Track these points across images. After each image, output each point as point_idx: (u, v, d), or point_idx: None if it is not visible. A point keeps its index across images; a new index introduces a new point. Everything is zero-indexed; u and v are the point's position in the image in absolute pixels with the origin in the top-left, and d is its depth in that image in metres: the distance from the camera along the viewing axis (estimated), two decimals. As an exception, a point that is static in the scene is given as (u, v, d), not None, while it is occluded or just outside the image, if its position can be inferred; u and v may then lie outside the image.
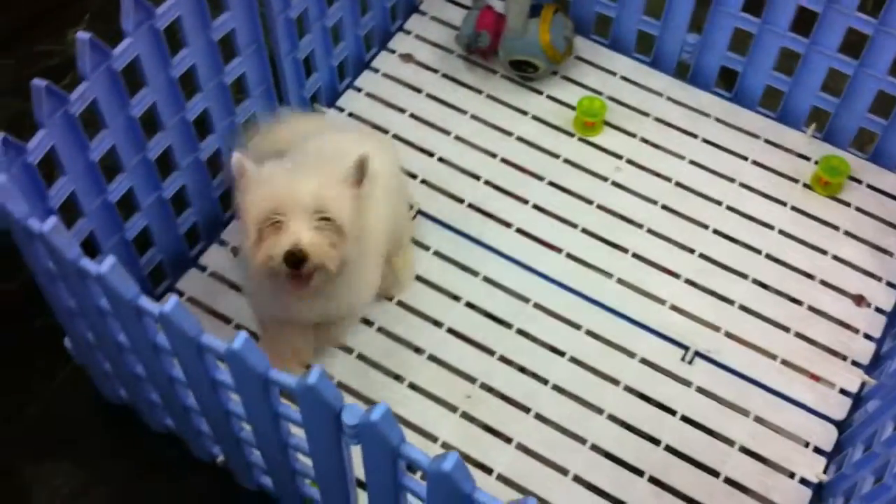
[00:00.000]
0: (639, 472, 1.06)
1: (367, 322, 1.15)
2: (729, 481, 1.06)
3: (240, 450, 0.95)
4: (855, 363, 1.14)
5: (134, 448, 1.10)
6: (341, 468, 0.82)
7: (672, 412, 1.10)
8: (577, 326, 1.15)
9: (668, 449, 1.08)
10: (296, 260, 0.90)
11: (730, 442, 1.08)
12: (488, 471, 1.05)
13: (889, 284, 1.19)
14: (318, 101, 1.30)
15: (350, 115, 1.30)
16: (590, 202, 1.25)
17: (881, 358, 1.13)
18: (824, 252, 1.21)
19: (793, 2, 1.19)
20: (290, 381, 0.73)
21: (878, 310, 1.17)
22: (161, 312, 0.74)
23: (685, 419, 1.10)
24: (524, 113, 1.32)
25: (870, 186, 1.27)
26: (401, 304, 1.16)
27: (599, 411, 1.10)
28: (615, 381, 1.12)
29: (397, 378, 1.11)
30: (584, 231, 1.22)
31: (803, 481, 1.06)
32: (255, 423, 0.85)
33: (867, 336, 1.16)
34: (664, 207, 1.24)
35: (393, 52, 1.36)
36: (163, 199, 1.10)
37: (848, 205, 1.25)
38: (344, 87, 1.33)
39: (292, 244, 0.90)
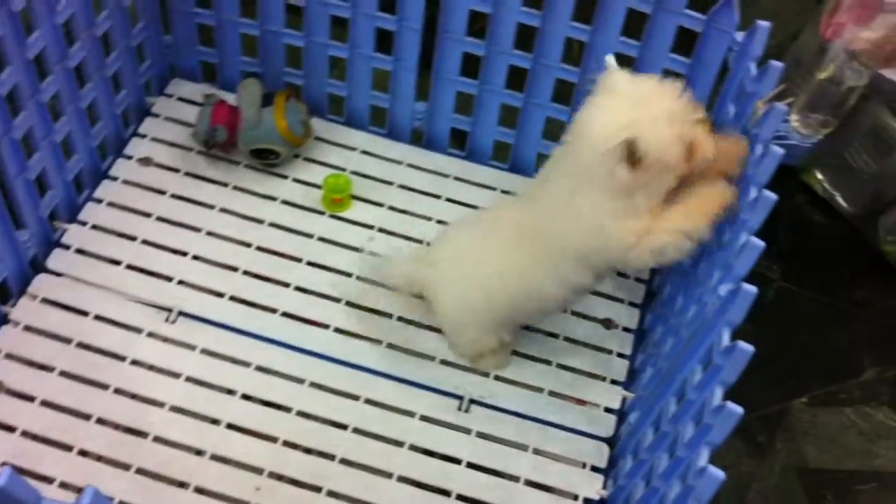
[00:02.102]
0: (435, 527, 1.09)
1: (142, 434, 1.12)
2: (521, 515, 1.11)
3: None
4: (614, 381, 1.23)
5: None
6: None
7: (458, 461, 1.14)
8: (356, 397, 1.18)
9: (460, 497, 1.11)
10: None
11: (515, 478, 1.14)
12: (289, 558, 1.05)
13: (630, 304, 1.30)
14: (58, 218, 1.27)
15: (94, 227, 1.28)
16: (349, 275, 1.28)
17: (635, 372, 1.23)
18: (571, 285, 1.31)
19: (504, 62, 1.29)
20: None
21: (625, 329, 1.27)
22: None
23: (471, 465, 1.14)
24: (273, 199, 1.34)
25: (600, 219, 1.38)
26: (174, 408, 1.14)
27: (389, 475, 1.12)
28: (399, 444, 1.15)
29: (182, 485, 1.09)
30: (348, 303, 1.26)
31: (586, 501, 1.13)
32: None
33: (620, 354, 1.25)
34: (420, 268, 1.30)
35: (130, 157, 1.35)
36: None
37: (585, 238, 1.36)
38: (83, 199, 1.30)
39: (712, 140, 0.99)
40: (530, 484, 1.13)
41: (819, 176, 1.48)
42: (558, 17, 1.21)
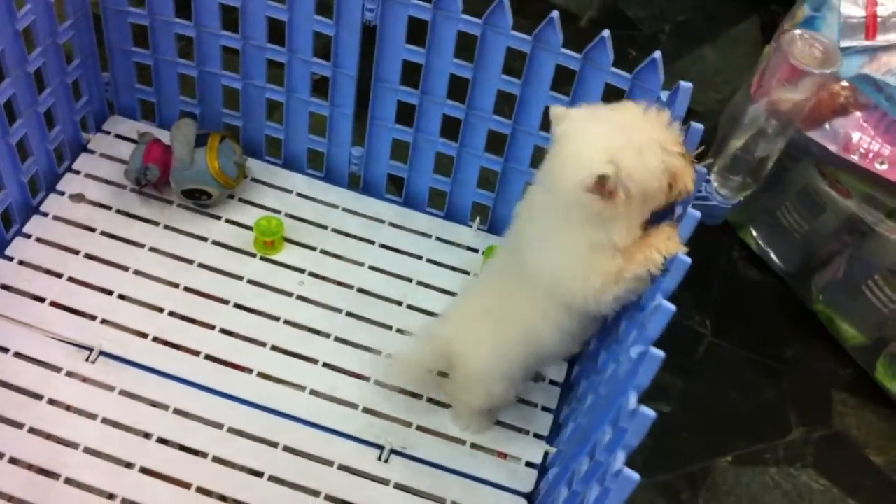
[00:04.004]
0: (346, 579, 1.08)
1: (54, 475, 1.10)
2: (434, 571, 1.10)
3: None
4: (537, 435, 1.22)
5: None
6: None
7: (373, 513, 1.13)
8: (274, 444, 1.17)
9: (373, 550, 1.11)
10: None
11: (431, 532, 1.13)
12: None
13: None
14: (-16, 253, 1.26)
15: (21, 262, 1.27)
16: (276, 319, 1.27)
17: (559, 426, 1.23)
18: (501, 335, 1.31)
19: (438, 111, 1.29)
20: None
21: (552, 382, 1.27)
22: None
23: (386, 518, 1.13)
24: (204, 239, 1.33)
25: (534, 269, 1.38)
26: (88, 450, 1.13)
27: (302, 526, 1.11)
28: (315, 493, 1.14)
29: (90, 530, 1.08)
30: (274, 348, 1.25)
31: (501, 557, 1.12)
32: None
33: (545, 408, 1.25)
34: (349, 314, 1.29)
35: (62, 193, 1.34)
36: None
37: (518, 288, 1.36)
38: (12, 234, 1.29)
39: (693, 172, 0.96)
40: (447, 542, 1.13)
41: (754, 233, 1.50)
42: (490, 70, 1.22)
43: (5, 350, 1.19)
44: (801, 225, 1.40)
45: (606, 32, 1.13)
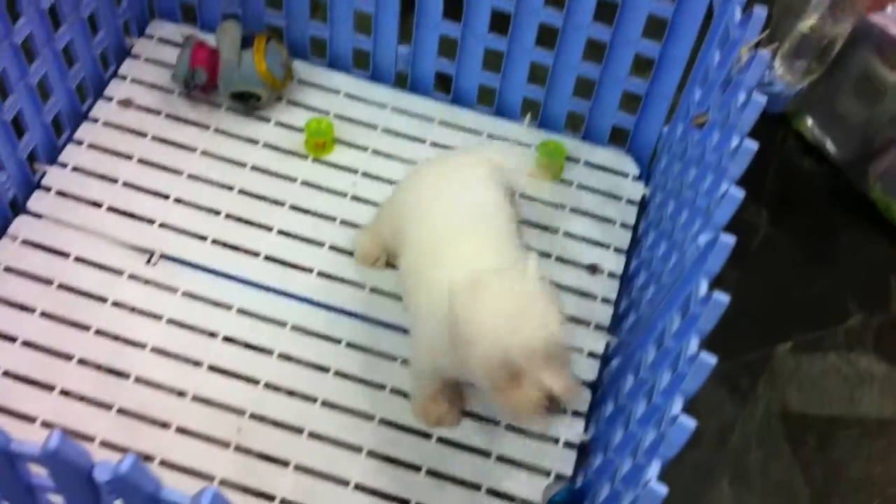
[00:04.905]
0: (416, 468, 1.10)
1: (123, 375, 1.12)
2: (501, 458, 1.11)
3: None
4: (598, 326, 1.22)
5: None
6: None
7: (439, 404, 1.14)
8: (338, 341, 1.17)
9: (441, 440, 1.12)
10: (555, 406, 0.89)
11: (496, 423, 1.14)
12: (270, 498, 1.05)
13: (616, 250, 1.29)
14: (38, 160, 1.25)
15: (74, 168, 1.27)
16: (333, 219, 1.27)
17: (619, 317, 1.23)
18: (556, 231, 1.30)
19: (487, 5, 1.27)
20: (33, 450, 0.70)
21: (610, 274, 1.27)
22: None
23: (453, 409, 1.14)
24: (255, 142, 1.33)
25: (587, 163, 1.37)
26: (155, 350, 1.14)
27: (370, 418, 1.12)
28: (382, 387, 1.15)
29: (163, 425, 1.09)
30: (332, 248, 1.25)
31: (567, 444, 1.13)
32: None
33: (605, 300, 1.25)
34: (403, 212, 1.29)
35: (110, 99, 1.33)
36: None
37: (571, 183, 1.35)
38: (63, 141, 1.28)
39: (547, 397, 0.88)
40: (511, 429, 1.13)
41: (809, 122, 1.47)
42: (543, -43, 1.19)
43: (66, 255, 1.20)
44: (860, 111, 1.37)
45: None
